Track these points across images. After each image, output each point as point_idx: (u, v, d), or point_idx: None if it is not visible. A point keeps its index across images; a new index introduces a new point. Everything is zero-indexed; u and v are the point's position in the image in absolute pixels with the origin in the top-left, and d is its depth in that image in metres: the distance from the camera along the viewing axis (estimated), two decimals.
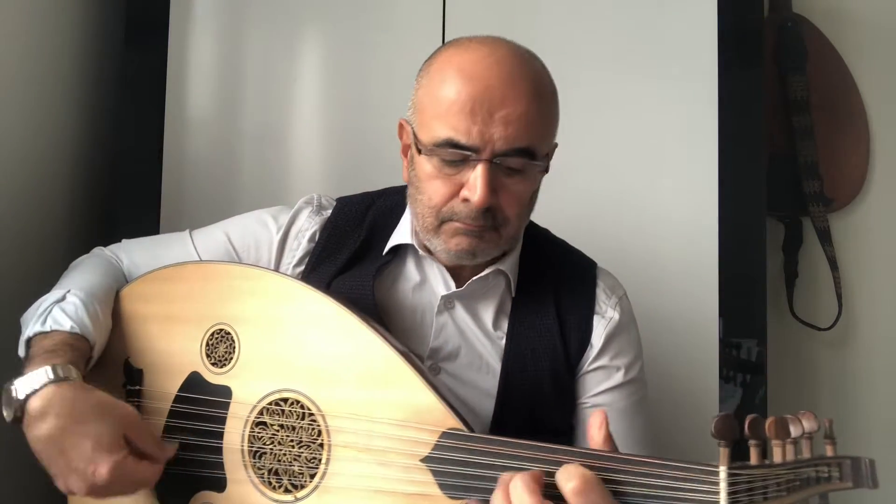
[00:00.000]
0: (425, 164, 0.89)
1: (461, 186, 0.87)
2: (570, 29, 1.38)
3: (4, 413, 0.78)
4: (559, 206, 1.34)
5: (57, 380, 0.77)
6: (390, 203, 1.03)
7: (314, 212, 1.03)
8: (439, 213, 0.89)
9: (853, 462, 0.65)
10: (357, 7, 1.40)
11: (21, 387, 0.77)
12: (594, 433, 0.70)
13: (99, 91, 1.45)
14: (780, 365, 1.61)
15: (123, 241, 1.06)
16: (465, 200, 0.87)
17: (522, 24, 1.38)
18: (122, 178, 1.38)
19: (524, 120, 0.85)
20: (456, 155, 0.86)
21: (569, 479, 0.65)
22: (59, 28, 1.35)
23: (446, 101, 0.85)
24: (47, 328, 0.84)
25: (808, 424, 0.65)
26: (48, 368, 0.78)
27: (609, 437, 0.70)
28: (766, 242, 1.38)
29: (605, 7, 1.38)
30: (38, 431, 0.76)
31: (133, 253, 1.02)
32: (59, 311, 0.86)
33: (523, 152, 0.86)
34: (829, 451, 0.66)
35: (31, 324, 0.86)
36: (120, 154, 1.39)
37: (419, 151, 0.89)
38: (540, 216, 1.15)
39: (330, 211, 1.03)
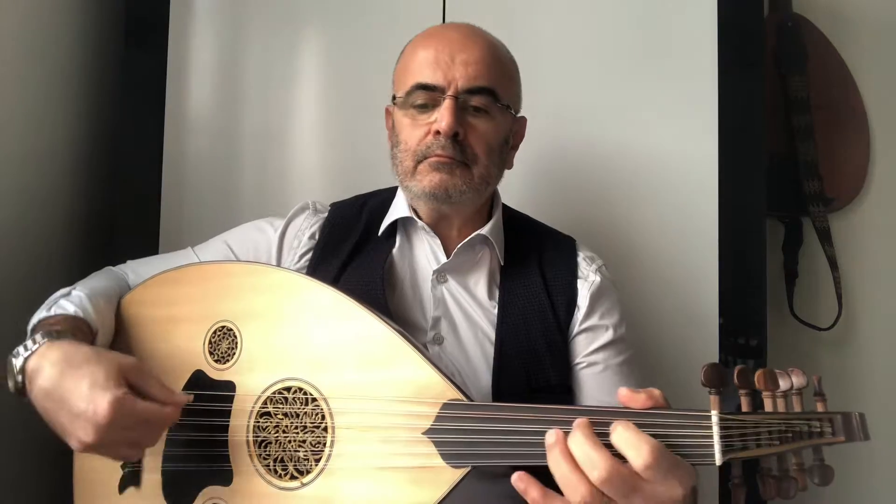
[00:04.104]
0: (402, 118, 1.00)
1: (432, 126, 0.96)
2: (569, 28, 1.38)
3: (9, 384, 0.79)
4: (560, 206, 1.34)
5: (51, 340, 0.79)
6: (382, 198, 1.11)
7: (311, 213, 1.09)
8: (415, 154, 0.98)
9: (844, 417, 0.68)
10: (357, 7, 1.40)
11: (20, 353, 0.79)
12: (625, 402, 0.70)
13: (99, 91, 1.45)
14: (780, 365, 1.57)
15: (129, 261, 1.08)
16: (437, 133, 0.95)
17: (522, 24, 1.38)
18: (123, 177, 1.38)
19: (483, 62, 0.97)
20: (425, 97, 0.97)
21: (638, 455, 0.64)
22: (59, 28, 1.35)
23: (414, 61, 0.99)
24: (52, 313, 0.89)
25: (797, 380, 0.69)
26: (42, 332, 0.81)
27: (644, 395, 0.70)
28: (766, 242, 1.37)
29: (604, 7, 1.38)
30: (38, 387, 0.77)
31: (138, 268, 1.05)
32: (65, 300, 0.91)
33: (485, 91, 0.96)
34: (819, 408, 0.69)
35: (38, 314, 0.91)
36: (120, 154, 1.39)
37: (398, 107, 1.00)
38: (543, 216, 1.16)
39: (325, 214, 1.09)
